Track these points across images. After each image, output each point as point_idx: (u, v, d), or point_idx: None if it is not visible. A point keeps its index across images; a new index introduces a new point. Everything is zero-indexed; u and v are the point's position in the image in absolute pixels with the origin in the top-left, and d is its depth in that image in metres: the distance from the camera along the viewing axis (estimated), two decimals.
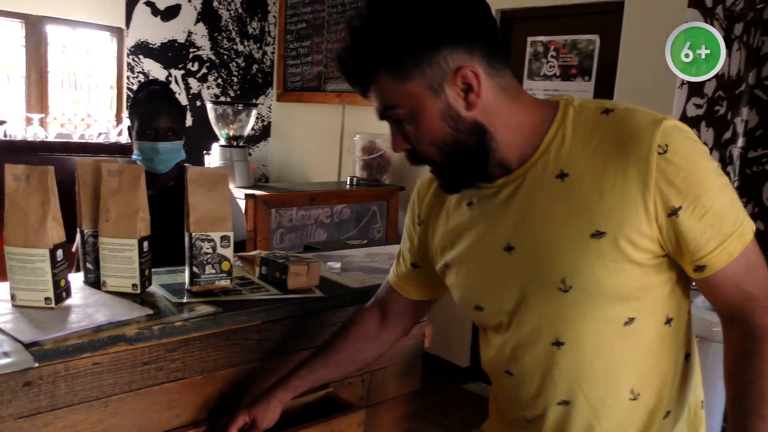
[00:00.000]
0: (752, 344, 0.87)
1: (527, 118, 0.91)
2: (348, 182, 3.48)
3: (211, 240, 1.21)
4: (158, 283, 1.28)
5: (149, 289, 1.24)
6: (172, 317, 1.11)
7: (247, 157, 3.25)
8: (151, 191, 1.90)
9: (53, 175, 1.09)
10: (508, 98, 0.90)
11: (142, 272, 1.20)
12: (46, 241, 1.08)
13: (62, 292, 1.11)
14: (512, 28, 3.14)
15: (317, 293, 1.33)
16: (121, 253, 1.18)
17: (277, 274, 1.32)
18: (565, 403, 0.95)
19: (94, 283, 1.25)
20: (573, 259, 0.88)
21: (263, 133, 4.49)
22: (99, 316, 1.07)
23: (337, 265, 1.53)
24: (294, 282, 1.30)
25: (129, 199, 1.18)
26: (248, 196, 2.91)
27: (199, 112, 4.00)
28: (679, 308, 0.95)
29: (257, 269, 1.38)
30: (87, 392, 1.09)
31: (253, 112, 3.34)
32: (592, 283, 0.87)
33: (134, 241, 1.18)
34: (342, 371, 1.25)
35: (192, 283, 1.23)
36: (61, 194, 1.12)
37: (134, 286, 1.20)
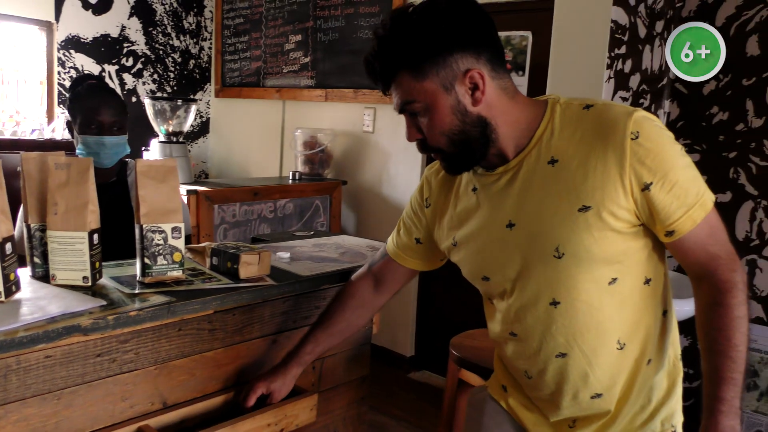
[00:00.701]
0: (718, 297, 1.04)
1: (522, 114, 1.09)
2: (290, 177, 3.49)
3: (162, 231, 1.23)
4: (108, 275, 1.28)
5: (100, 282, 1.24)
6: (126, 307, 1.12)
7: (187, 153, 3.22)
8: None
9: (0, 168, 1.08)
10: (507, 97, 1.08)
11: (92, 265, 1.20)
12: None
13: (12, 286, 1.10)
14: None
15: (269, 281, 1.36)
16: (71, 246, 1.18)
17: (228, 264, 1.34)
18: (563, 355, 1.12)
19: (43, 277, 1.24)
20: (565, 230, 1.04)
21: (202, 129, 4.44)
22: (52, 308, 1.07)
23: (286, 255, 1.56)
24: (246, 271, 1.33)
25: (78, 192, 1.18)
26: (190, 192, 2.89)
27: (134, 109, 3.92)
28: (657, 270, 1.12)
29: (208, 260, 1.39)
30: (39, 385, 1.09)
31: (193, 108, 3.31)
32: (581, 249, 1.04)
33: (84, 234, 1.18)
34: (342, 338, 1.43)
35: (144, 274, 1.23)
36: None
37: (85, 278, 1.20)
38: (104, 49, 3.86)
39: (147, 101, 3.22)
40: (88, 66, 3.77)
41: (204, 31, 4.34)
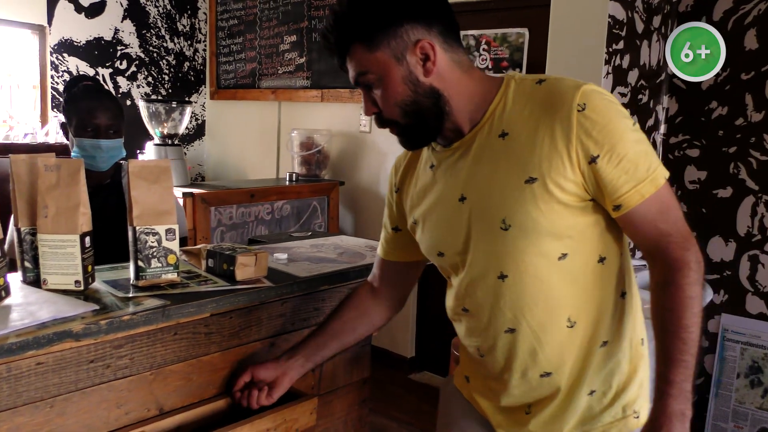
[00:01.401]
0: (669, 275, 1.02)
1: (477, 89, 1.09)
2: (287, 178, 3.46)
3: (155, 233, 1.20)
4: (102, 279, 1.25)
5: (93, 286, 1.21)
6: (119, 311, 1.09)
7: (183, 156, 3.19)
8: (88, 189, 1.86)
9: None
10: (460, 70, 1.08)
11: (84, 268, 1.17)
12: None
13: (1, 291, 1.08)
14: None
15: (266, 283, 1.33)
16: (62, 249, 1.15)
17: (224, 265, 1.32)
18: (512, 330, 1.10)
19: (34, 281, 1.21)
20: (511, 201, 1.04)
21: (197, 132, 4.41)
22: (42, 313, 1.04)
23: (283, 256, 1.53)
24: (242, 273, 1.30)
25: (69, 194, 1.15)
26: (186, 195, 2.86)
27: (129, 112, 3.88)
28: (611, 249, 1.10)
29: (203, 262, 1.37)
30: (31, 393, 1.06)
31: (187, 110, 3.28)
32: (527, 221, 1.03)
33: (75, 237, 1.15)
34: (339, 344, 1.38)
35: (137, 277, 1.21)
36: None
37: (77, 282, 1.17)
38: (98, 52, 3.83)
39: (141, 104, 3.20)
40: (82, 69, 3.74)
41: (198, 33, 4.31)
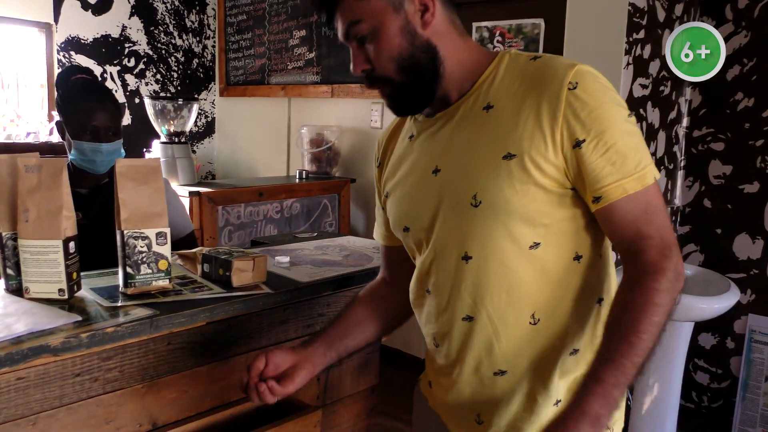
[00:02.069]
0: (640, 276, 0.92)
1: (470, 57, 1.03)
2: (297, 176, 3.39)
3: (145, 237, 1.12)
4: (89, 287, 1.18)
5: (79, 294, 1.14)
6: (103, 323, 1.02)
7: (190, 154, 3.12)
8: (85, 189, 1.79)
9: None
10: (456, 32, 1.03)
11: (69, 276, 1.10)
12: None
13: None
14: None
15: (265, 290, 1.25)
16: (44, 256, 1.08)
17: (220, 271, 1.24)
18: (469, 318, 1.01)
19: (17, 290, 1.14)
20: (485, 176, 0.96)
21: (207, 130, 4.35)
22: (19, 326, 0.97)
23: (285, 260, 1.45)
24: (239, 279, 1.22)
25: (50, 197, 1.07)
26: (192, 194, 2.80)
27: (137, 110, 3.83)
28: (590, 249, 1.00)
29: (199, 267, 1.29)
30: (11, 410, 0.99)
31: (194, 107, 3.21)
32: (499, 198, 0.95)
33: (58, 243, 1.08)
34: (363, 339, 1.22)
35: (126, 284, 1.13)
36: None
37: (61, 291, 1.10)
38: (105, 49, 3.77)
39: (147, 101, 3.14)
40: (90, 67, 3.69)
41: (207, 29, 4.24)
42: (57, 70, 3.60)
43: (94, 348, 1.02)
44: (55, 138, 3.34)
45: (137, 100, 3.89)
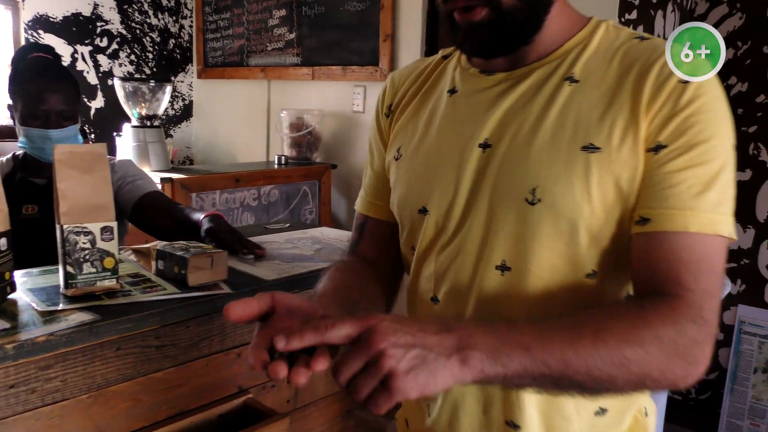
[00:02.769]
0: (645, 300, 0.70)
1: (564, 13, 0.82)
2: (276, 162, 3.27)
3: (88, 233, 1.01)
4: (27, 287, 1.07)
5: (12, 297, 1.03)
6: (34, 330, 0.91)
7: (163, 138, 2.99)
8: (42, 180, 1.66)
9: None
10: None
11: (0, 276, 0.98)
12: None
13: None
14: None
15: (224, 289, 1.15)
16: None
17: (176, 269, 1.13)
18: None
19: None
20: (554, 167, 0.74)
21: (185, 113, 4.20)
22: None
23: (249, 255, 1.34)
24: (196, 278, 1.11)
25: None
26: (164, 180, 2.67)
27: (111, 92, 3.68)
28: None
29: (153, 264, 1.18)
30: None
31: (167, 89, 3.07)
32: (567, 200, 0.73)
33: None
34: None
35: (67, 285, 1.02)
36: None
37: None
38: (76, 29, 3.61)
39: (117, 82, 2.99)
40: (59, 47, 3.53)
41: (184, 8, 4.08)
42: None
43: (20, 360, 0.91)
44: None
45: (110, 83, 3.73)
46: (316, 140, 3.36)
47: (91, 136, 3.67)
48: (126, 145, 2.90)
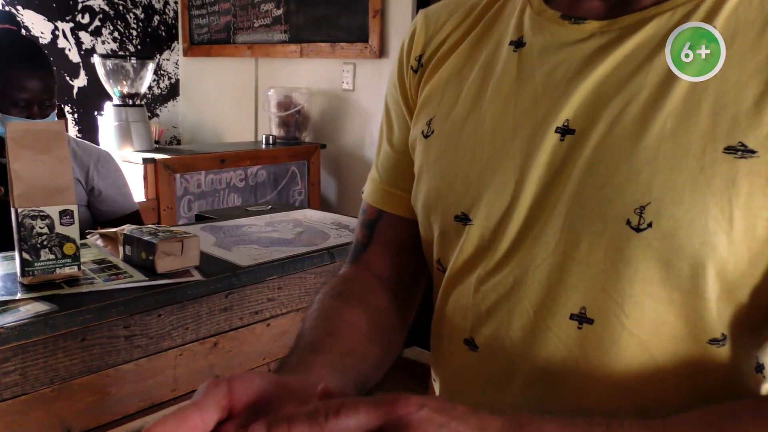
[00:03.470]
0: None
1: None
2: (264, 141, 3.19)
3: (45, 217, 0.94)
4: None
5: None
6: None
7: (146, 117, 2.91)
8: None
9: None
10: None
11: None
12: None
13: None
14: None
15: (195, 276, 1.08)
16: None
17: (143, 254, 1.07)
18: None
19: None
20: (676, 176, 0.49)
21: (171, 92, 4.10)
22: None
23: (212, 240, 1.27)
24: (164, 264, 1.05)
25: None
26: (147, 161, 2.59)
27: (93, 71, 3.58)
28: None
29: (121, 249, 1.11)
30: None
31: (150, 66, 2.98)
32: (692, 229, 0.48)
33: None
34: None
35: (24, 273, 0.95)
36: None
37: None
38: (56, 4, 3.50)
39: (97, 60, 2.90)
40: (39, 24, 3.42)
41: None
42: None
43: None
44: None
45: (93, 61, 3.63)
46: (305, 119, 3.28)
47: (75, 116, 3.58)
48: (108, 124, 2.82)
